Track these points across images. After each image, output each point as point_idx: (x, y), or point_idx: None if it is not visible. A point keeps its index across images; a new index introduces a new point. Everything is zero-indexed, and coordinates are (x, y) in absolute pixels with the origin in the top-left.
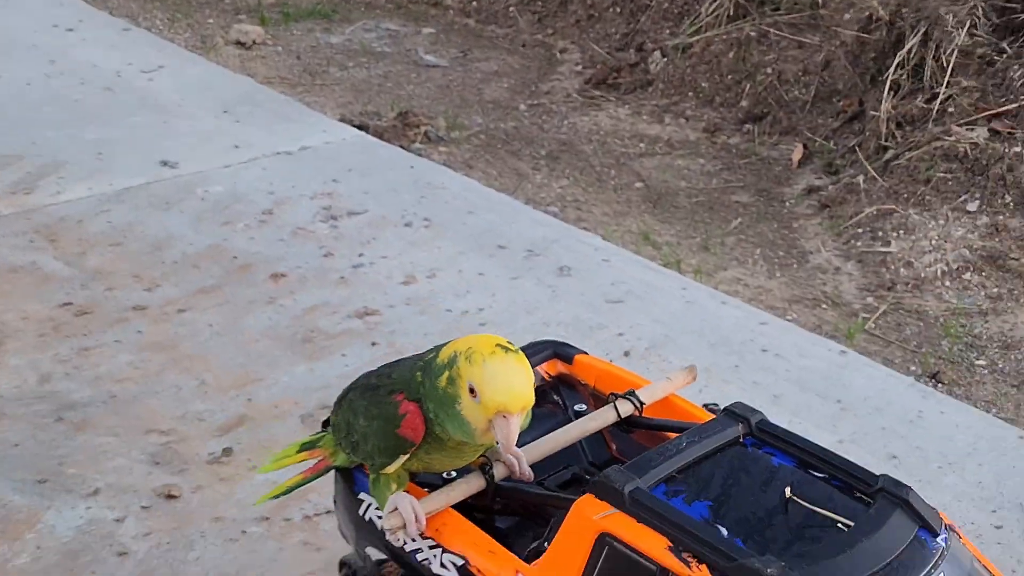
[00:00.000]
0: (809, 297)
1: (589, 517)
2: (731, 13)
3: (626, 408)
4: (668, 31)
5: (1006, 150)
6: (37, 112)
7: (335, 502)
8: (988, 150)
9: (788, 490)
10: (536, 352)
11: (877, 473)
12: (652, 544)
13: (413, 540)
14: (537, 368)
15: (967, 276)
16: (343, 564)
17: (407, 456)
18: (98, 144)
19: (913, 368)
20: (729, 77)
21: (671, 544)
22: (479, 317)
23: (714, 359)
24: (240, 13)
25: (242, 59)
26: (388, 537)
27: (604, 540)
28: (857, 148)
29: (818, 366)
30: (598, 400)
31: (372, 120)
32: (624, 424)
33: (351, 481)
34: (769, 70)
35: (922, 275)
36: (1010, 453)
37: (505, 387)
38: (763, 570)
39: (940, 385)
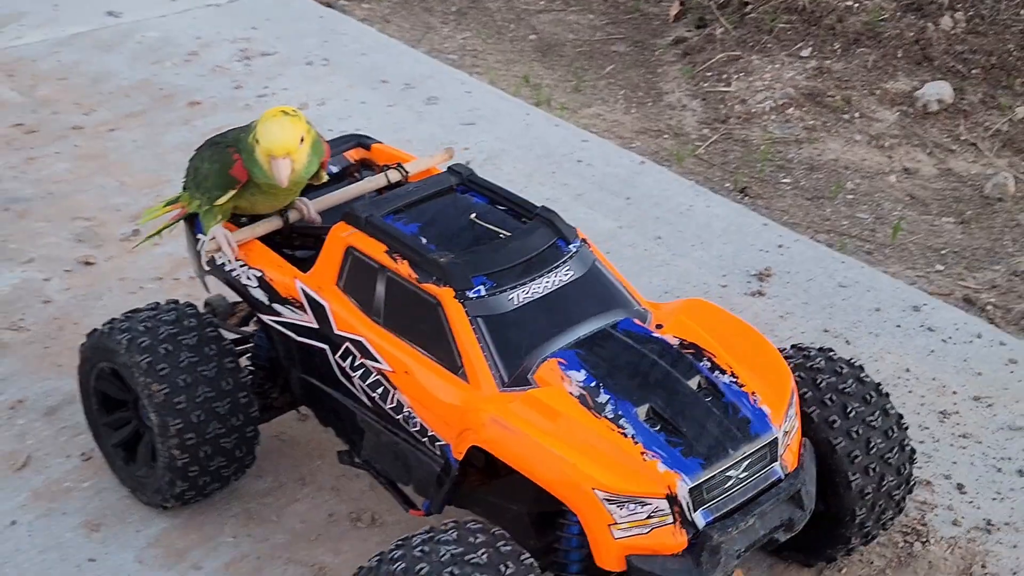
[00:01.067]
0: (655, 129)
1: (340, 236)
2: None
3: (394, 176)
4: None
5: (838, 3)
6: None
7: (188, 249)
8: (823, 3)
9: (474, 216)
10: (343, 143)
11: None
12: (375, 250)
13: (229, 262)
14: (344, 155)
15: (790, 111)
16: (207, 304)
17: (234, 191)
18: None
19: (728, 185)
20: None
21: (387, 249)
22: None
23: (537, 167)
24: None
25: None
26: (205, 258)
27: (349, 251)
28: (718, 6)
29: (619, 172)
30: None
31: None
32: (395, 187)
33: (193, 226)
34: None
35: (753, 110)
36: (751, 235)
37: (269, 136)
38: (438, 259)
39: (747, 198)
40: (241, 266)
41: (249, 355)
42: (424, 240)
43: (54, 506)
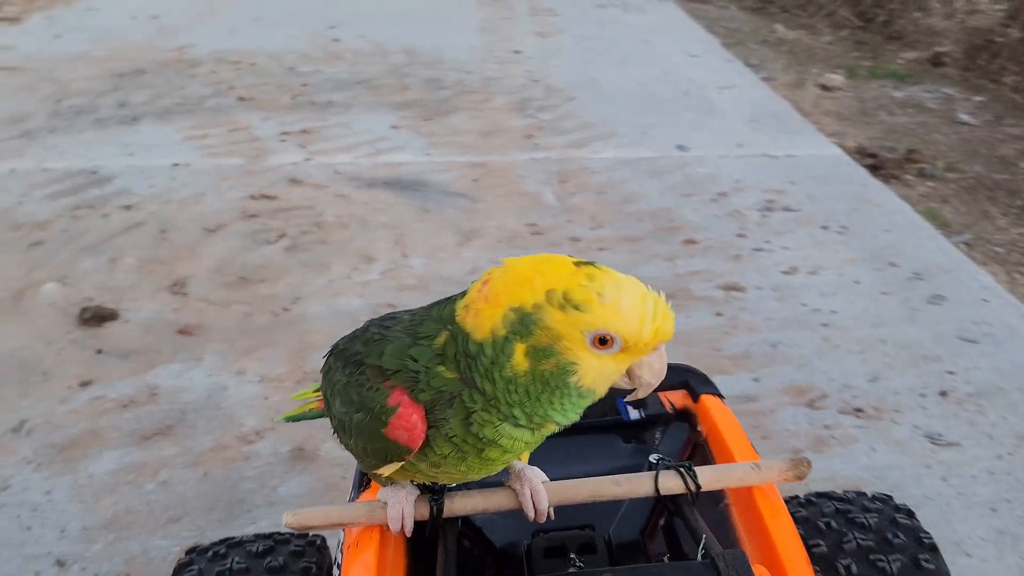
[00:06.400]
0: None
1: None
2: None
3: (671, 484)
4: None
5: None
6: (631, 100)
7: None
8: None
9: None
10: (668, 373)
11: None
12: None
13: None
14: (664, 394)
15: None
16: None
17: (400, 465)
18: (648, 127)
19: None
20: None
21: None
22: (825, 318)
23: None
24: (839, 68)
25: (817, 97)
26: (289, 523)
27: None
28: None
29: None
30: (695, 451)
31: (883, 151)
32: (669, 505)
33: None
34: None
35: None
36: None
37: (654, 310)
38: None
39: None
40: (338, 565)
41: None
42: None
43: None
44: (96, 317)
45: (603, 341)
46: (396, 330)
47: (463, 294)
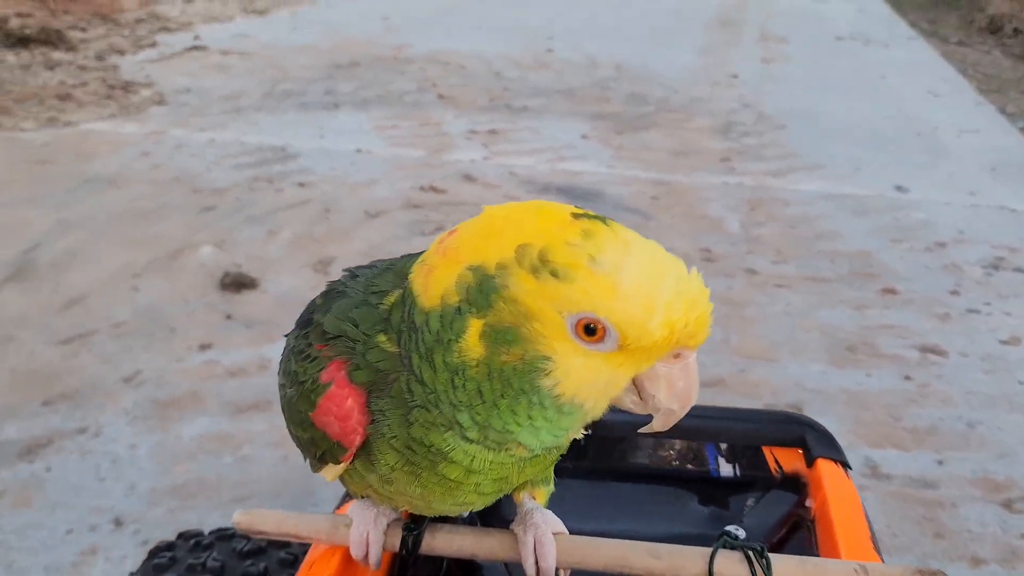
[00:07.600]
0: None
1: None
2: None
3: (732, 571)
4: None
5: None
6: (849, 134)
7: None
8: None
9: None
10: (777, 425)
11: None
12: None
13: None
14: (772, 450)
15: None
16: None
17: (340, 468)
18: (863, 163)
19: None
20: None
21: None
22: None
23: None
24: None
25: None
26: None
27: None
28: None
29: None
30: (793, 531)
31: None
32: None
33: None
34: None
35: None
36: None
37: (674, 294)
38: None
39: None
40: None
41: None
42: None
43: None
44: (235, 284)
45: (590, 331)
46: (360, 280)
47: None
